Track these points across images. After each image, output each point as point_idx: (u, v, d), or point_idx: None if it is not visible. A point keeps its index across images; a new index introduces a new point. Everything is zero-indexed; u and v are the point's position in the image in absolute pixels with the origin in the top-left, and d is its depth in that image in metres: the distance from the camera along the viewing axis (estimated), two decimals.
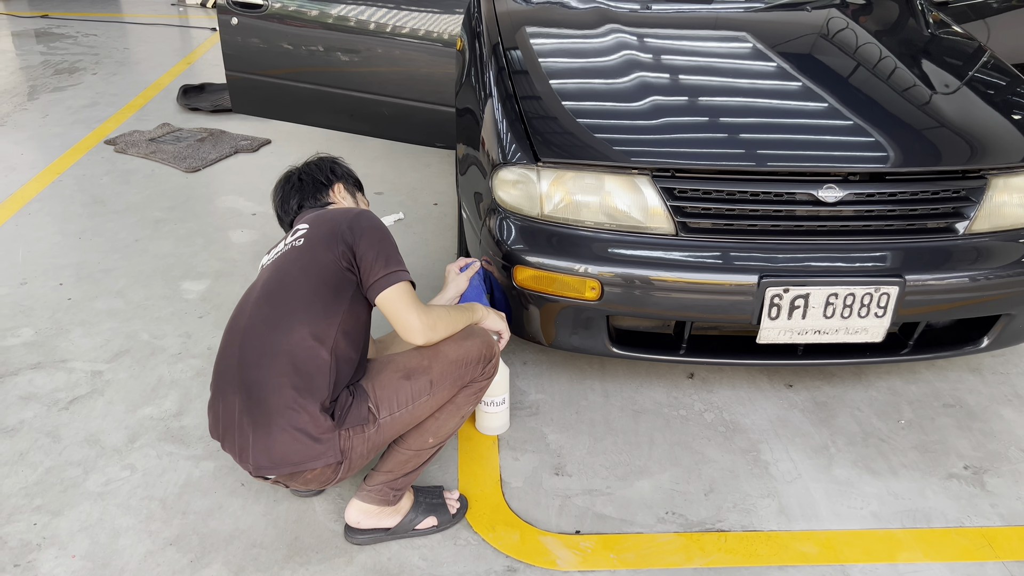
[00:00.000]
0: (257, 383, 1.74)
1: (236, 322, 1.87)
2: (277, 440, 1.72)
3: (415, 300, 1.85)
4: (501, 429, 2.32)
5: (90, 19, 7.35)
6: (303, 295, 1.81)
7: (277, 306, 1.81)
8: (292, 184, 2.17)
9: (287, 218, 2.15)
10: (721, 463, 2.24)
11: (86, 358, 2.59)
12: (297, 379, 1.72)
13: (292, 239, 1.94)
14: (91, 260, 3.17)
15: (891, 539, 2.01)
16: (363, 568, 1.88)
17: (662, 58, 2.54)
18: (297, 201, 2.13)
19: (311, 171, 2.19)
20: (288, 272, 1.85)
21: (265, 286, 1.86)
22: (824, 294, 2.08)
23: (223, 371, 1.83)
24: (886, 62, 2.57)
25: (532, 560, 1.92)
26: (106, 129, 4.58)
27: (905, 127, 2.24)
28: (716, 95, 2.37)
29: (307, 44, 3.57)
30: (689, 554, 1.95)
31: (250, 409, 1.75)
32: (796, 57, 2.59)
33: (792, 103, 2.35)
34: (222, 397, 1.81)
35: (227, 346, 1.85)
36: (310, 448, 1.72)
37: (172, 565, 1.87)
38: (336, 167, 2.24)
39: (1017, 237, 2.19)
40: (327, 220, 1.91)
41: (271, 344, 1.76)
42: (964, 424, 2.41)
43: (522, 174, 2.18)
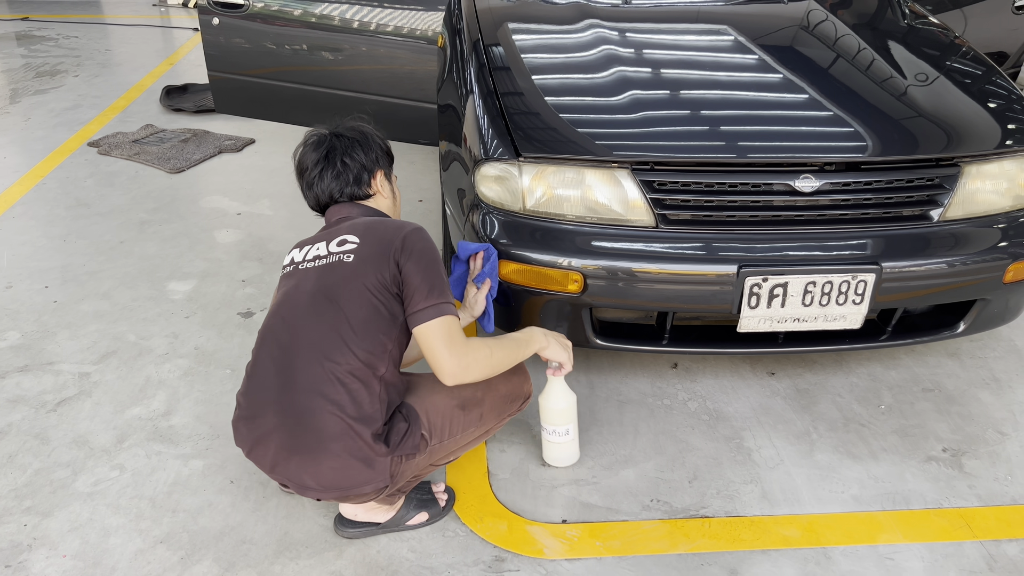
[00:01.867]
0: (309, 411, 1.73)
1: (277, 337, 1.81)
2: (328, 466, 1.75)
3: (454, 337, 1.78)
4: (568, 460, 2.17)
5: (71, 21, 7.32)
6: (357, 321, 1.77)
7: (329, 331, 1.76)
8: (332, 166, 1.98)
9: (318, 200, 2.02)
10: (705, 451, 2.27)
11: (73, 360, 2.59)
12: (352, 408, 1.74)
13: (339, 250, 1.85)
14: (76, 263, 3.17)
15: (871, 521, 2.05)
16: (353, 561, 1.91)
17: (641, 52, 2.56)
18: (337, 187, 1.99)
19: (354, 154, 1.99)
20: (339, 293, 1.79)
21: (313, 305, 1.79)
22: (802, 282, 2.12)
23: (261, 391, 1.79)
24: (862, 53, 2.60)
25: (519, 550, 1.95)
26: (89, 131, 4.57)
27: (880, 117, 2.27)
28: (694, 88, 2.40)
29: (290, 43, 3.58)
30: (674, 540, 1.98)
31: (297, 434, 1.74)
32: (773, 49, 2.62)
33: (769, 95, 2.38)
34: (256, 418, 1.79)
35: (267, 364, 1.80)
36: (362, 473, 1.76)
37: (163, 563, 1.89)
38: (378, 146, 2.05)
39: (990, 223, 2.23)
40: (378, 236, 1.84)
41: (324, 372, 1.74)
42: (943, 408, 2.45)
43: (504, 169, 2.21)
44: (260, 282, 3.05)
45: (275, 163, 4.16)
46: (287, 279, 1.92)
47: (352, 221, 1.94)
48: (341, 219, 1.98)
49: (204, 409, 2.38)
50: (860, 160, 2.16)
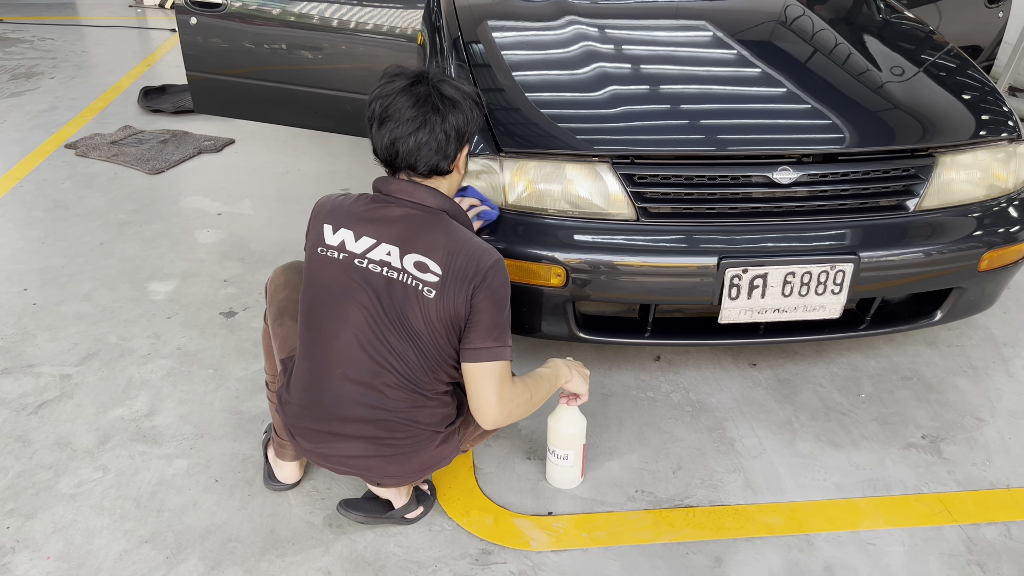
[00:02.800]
0: (401, 431, 1.77)
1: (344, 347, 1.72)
2: (417, 460, 1.83)
3: (504, 383, 1.74)
4: (566, 484, 2.11)
5: (46, 23, 7.24)
6: (436, 357, 1.74)
7: (412, 363, 1.72)
8: (432, 130, 1.68)
9: (392, 159, 1.74)
10: (688, 441, 2.29)
11: (54, 362, 2.58)
12: (440, 417, 1.82)
13: (418, 276, 1.68)
14: (55, 265, 3.14)
15: (853, 508, 2.07)
16: (340, 557, 1.91)
17: (621, 48, 2.58)
18: (424, 159, 1.70)
19: (454, 121, 1.70)
20: (420, 330, 1.71)
21: (390, 329, 1.70)
22: (782, 273, 2.14)
23: (335, 402, 1.76)
24: (839, 47, 2.63)
25: (506, 542, 1.95)
26: (66, 133, 4.53)
27: (856, 109, 2.30)
28: (673, 83, 2.42)
29: (268, 42, 3.57)
30: (659, 530, 2.00)
31: (389, 446, 1.78)
32: (751, 43, 2.64)
33: (747, 88, 2.41)
34: (331, 424, 1.78)
35: (333, 383, 1.75)
36: (443, 450, 1.86)
37: (148, 562, 1.88)
38: (469, 110, 1.73)
39: (965, 212, 2.27)
40: (462, 269, 1.68)
41: (410, 398, 1.75)
42: (922, 396, 2.48)
43: (486, 165, 2.21)
44: (242, 282, 3.04)
45: (255, 163, 4.15)
46: (336, 270, 1.73)
47: (428, 230, 1.71)
48: (406, 204, 1.73)
49: (187, 409, 2.37)
50: (837, 151, 2.19)
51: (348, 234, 1.74)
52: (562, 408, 2.04)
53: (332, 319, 1.73)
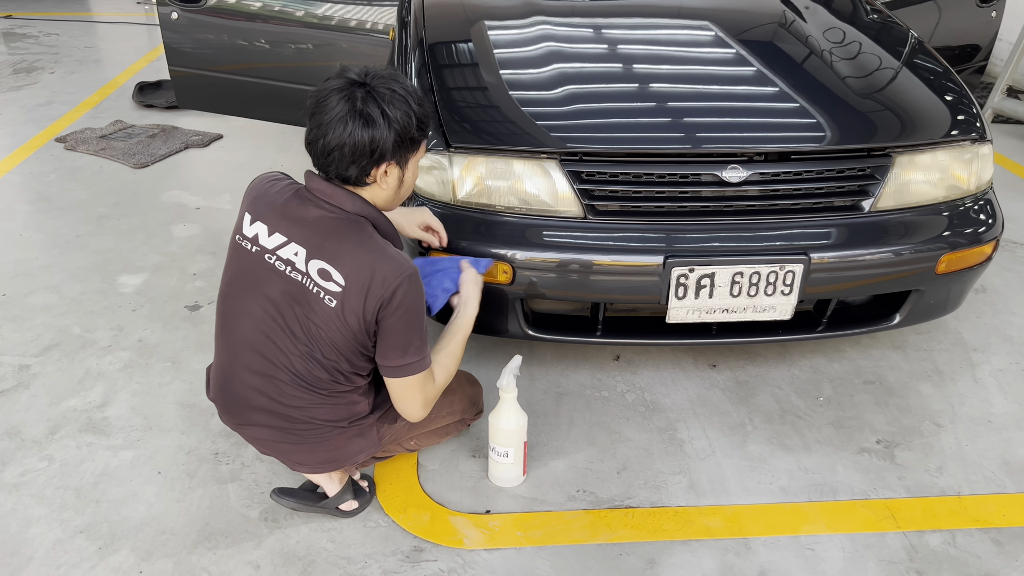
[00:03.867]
0: (301, 420, 1.80)
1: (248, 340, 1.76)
2: (324, 448, 1.85)
3: (427, 390, 1.80)
4: (506, 482, 2.10)
5: (55, 19, 7.32)
6: (341, 362, 1.75)
7: (315, 368, 1.74)
8: (348, 136, 1.63)
9: (313, 159, 1.72)
10: (637, 442, 2.26)
11: (15, 352, 2.60)
12: (343, 412, 1.83)
13: (321, 283, 1.68)
14: (30, 256, 3.17)
15: (796, 512, 2.04)
16: (271, 551, 1.90)
17: (579, 47, 2.55)
18: (332, 165, 1.68)
19: (373, 137, 1.64)
20: (317, 335, 1.71)
21: (288, 328, 1.72)
22: (729, 273, 2.11)
23: (242, 389, 1.80)
24: (799, 45, 2.59)
25: (439, 540, 1.94)
26: (58, 127, 4.57)
27: (810, 107, 2.27)
28: (626, 81, 2.40)
29: (250, 38, 3.57)
30: (595, 530, 1.98)
31: (293, 434, 1.82)
32: (706, 42, 2.62)
33: (699, 87, 2.38)
34: (241, 412, 1.83)
35: (238, 372, 1.79)
36: (356, 443, 1.89)
37: (80, 552, 1.89)
38: (401, 128, 1.67)
39: (923, 214, 2.23)
40: (367, 284, 1.66)
41: (309, 395, 1.78)
42: (882, 400, 2.44)
43: (436, 160, 2.20)
44: (211, 276, 3.05)
45: (240, 158, 4.16)
46: (247, 262, 1.76)
47: (338, 238, 1.69)
48: (325, 206, 1.71)
49: (140, 401, 2.38)
50: (789, 150, 2.15)
51: (263, 228, 1.75)
52: (503, 405, 2.02)
53: (237, 310, 1.78)
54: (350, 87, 1.65)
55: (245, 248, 1.76)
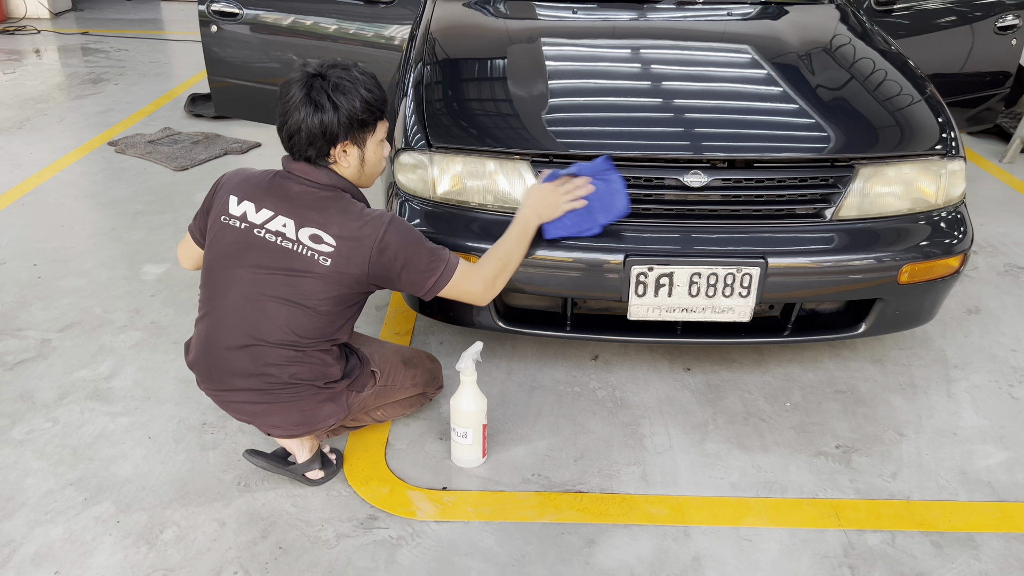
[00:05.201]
0: (278, 378, 1.94)
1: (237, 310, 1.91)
2: (298, 409, 1.99)
3: (471, 278, 2.01)
4: (466, 463, 2.21)
5: (126, 36, 7.80)
6: (326, 319, 1.92)
7: (301, 323, 1.90)
8: (303, 121, 1.86)
9: (284, 143, 1.95)
10: (599, 434, 2.35)
11: (40, 328, 2.83)
12: (318, 372, 1.97)
13: (312, 247, 1.87)
14: (67, 245, 3.43)
15: (741, 506, 2.10)
16: (238, 511, 2.05)
17: (561, 61, 2.65)
18: (295, 147, 1.92)
19: (323, 121, 1.86)
20: (311, 294, 1.89)
21: (281, 294, 1.88)
22: (687, 273, 2.20)
23: (224, 354, 1.94)
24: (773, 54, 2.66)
25: (394, 510, 2.07)
26: (113, 132, 4.90)
27: (775, 116, 2.35)
28: (595, 88, 2.50)
29: (280, 51, 3.81)
30: (543, 510, 2.07)
31: (268, 394, 1.96)
32: (676, 51, 2.71)
33: (667, 97, 2.47)
34: (222, 377, 1.97)
35: (223, 336, 1.93)
36: (326, 408, 2.03)
37: (68, 501, 2.07)
38: (352, 111, 1.87)
39: (885, 225, 2.28)
40: (355, 244, 1.88)
41: (290, 353, 1.92)
42: (850, 409, 2.48)
43: (418, 159, 2.35)
44: None
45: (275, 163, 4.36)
46: (236, 237, 1.92)
47: (322, 206, 1.90)
48: (305, 182, 1.93)
49: (144, 375, 2.58)
50: (751, 158, 2.23)
51: (250, 206, 1.94)
52: (463, 388, 2.14)
53: (225, 279, 1.94)
54: (308, 78, 1.87)
55: (233, 226, 1.95)
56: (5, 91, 5.78)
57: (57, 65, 6.62)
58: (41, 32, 7.92)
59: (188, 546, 1.95)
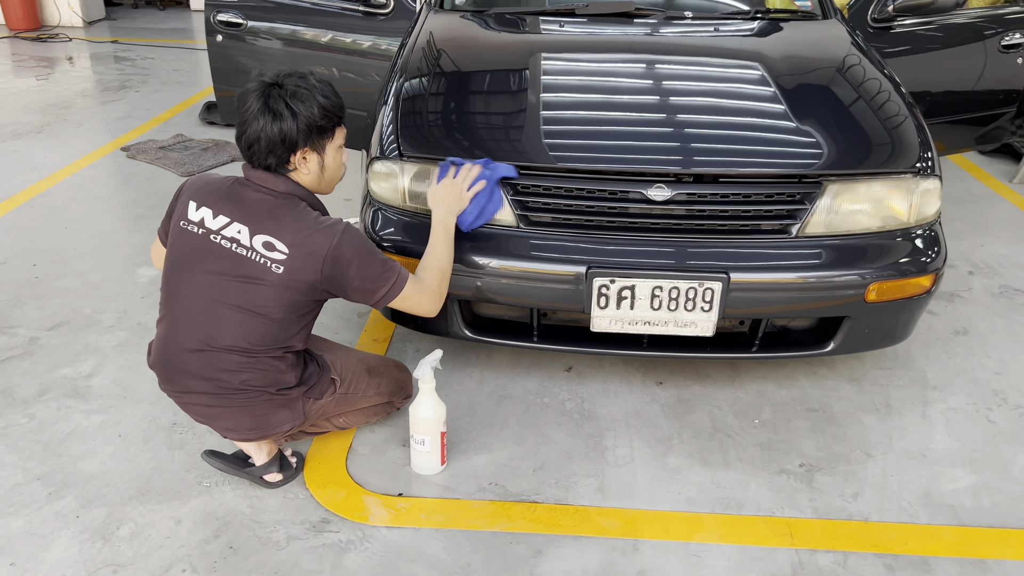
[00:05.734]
0: (231, 385, 1.97)
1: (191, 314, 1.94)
2: (250, 414, 2.02)
3: (420, 291, 2.06)
4: (425, 470, 2.23)
5: (154, 44, 7.99)
6: (279, 326, 1.95)
7: (253, 329, 1.92)
8: (262, 130, 1.89)
9: (244, 153, 1.98)
10: (561, 445, 2.35)
11: (31, 326, 2.91)
12: (271, 378, 1.99)
13: (265, 254, 1.90)
14: (68, 246, 3.52)
15: (694, 521, 2.09)
16: (194, 511, 2.09)
17: (537, 74, 2.62)
18: (255, 156, 1.94)
19: (282, 129, 1.89)
20: (265, 301, 1.92)
21: (235, 301, 1.91)
22: (649, 286, 2.20)
23: (181, 355, 1.97)
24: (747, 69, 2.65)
25: (347, 515, 2.09)
26: (128, 138, 5.02)
27: (741, 131, 2.34)
28: (563, 101, 2.50)
29: (281, 61, 3.88)
30: (495, 519, 2.08)
31: (223, 398, 1.99)
32: (649, 66, 2.70)
33: (633, 110, 2.47)
34: (180, 380, 2.00)
35: (184, 331, 1.96)
36: (281, 414, 2.05)
37: (33, 495, 2.13)
38: (309, 118, 1.91)
39: (853, 242, 2.26)
40: (308, 252, 1.90)
41: (243, 359, 1.95)
42: (819, 427, 2.45)
43: (390, 168, 2.39)
44: None
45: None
46: (193, 242, 1.95)
47: (276, 214, 1.93)
48: (262, 190, 1.95)
49: (124, 375, 2.63)
50: (715, 173, 2.23)
51: (208, 212, 1.98)
52: (421, 395, 2.16)
53: (182, 283, 1.97)
54: (265, 87, 1.91)
55: (191, 231, 1.98)
56: (31, 97, 5.95)
57: (83, 72, 6.80)
58: (73, 40, 8.15)
59: (142, 543, 1.99)
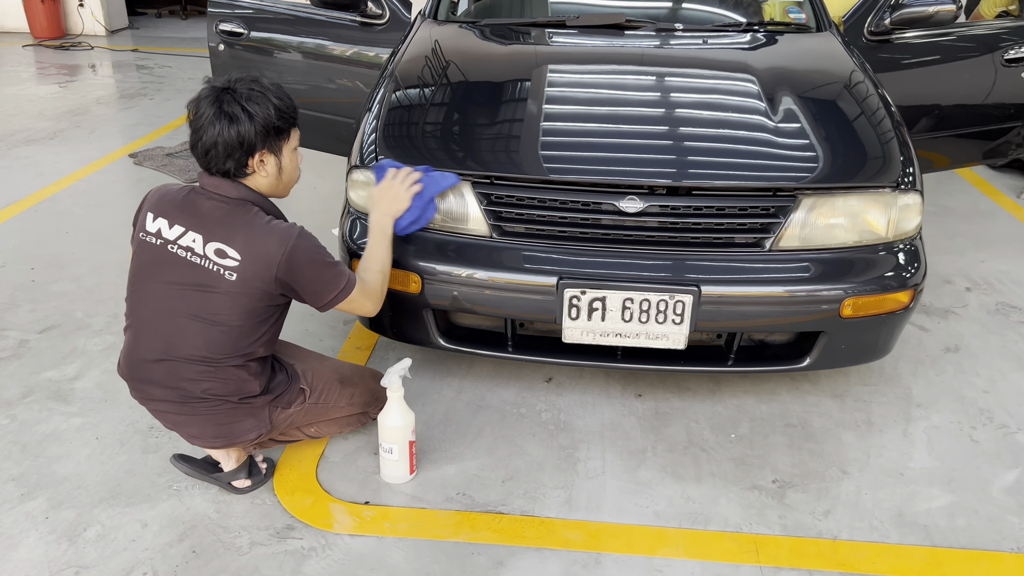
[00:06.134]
0: (194, 394, 1.99)
1: (152, 324, 1.97)
2: (215, 422, 2.04)
3: (366, 294, 2.09)
4: (393, 478, 2.23)
5: (172, 53, 8.11)
6: (237, 333, 1.95)
7: (211, 338, 1.93)
8: (219, 135, 1.88)
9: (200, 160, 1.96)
10: (533, 456, 2.35)
11: (22, 328, 2.95)
12: (233, 387, 2.01)
13: (218, 261, 1.91)
14: (67, 251, 3.58)
15: (659, 536, 2.07)
16: (162, 514, 2.11)
17: (520, 85, 2.63)
18: (212, 162, 1.93)
19: (240, 132, 1.89)
20: (220, 308, 1.92)
21: (192, 309, 1.93)
22: (620, 298, 2.19)
23: (142, 365, 2.00)
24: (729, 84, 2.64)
25: (312, 522, 2.09)
26: (136, 145, 5.09)
27: (715, 143, 2.32)
28: (546, 116, 2.45)
29: (281, 70, 3.92)
30: (458, 530, 2.08)
31: (185, 405, 2.01)
32: (634, 79, 2.69)
33: (612, 123, 2.45)
34: (144, 386, 2.03)
35: (146, 340, 1.98)
36: (246, 422, 2.07)
37: (6, 495, 2.16)
38: (264, 120, 1.91)
39: (828, 257, 2.23)
40: (260, 256, 1.91)
41: (203, 368, 1.96)
42: (796, 443, 2.42)
43: (368, 177, 2.40)
44: None
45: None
46: (152, 254, 1.97)
47: (228, 221, 1.93)
48: (215, 197, 1.95)
49: (107, 378, 2.67)
50: (688, 185, 2.22)
51: (164, 223, 1.99)
52: (389, 403, 2.16)
53: (143, 295, 1.99)
54: (217, 93, 1.91)
55: (149, 242, 2.00)
56: (49, 104, 6.07)
57: (101, 80, 6.92)
58: (95, 48, 8.30)
59: (107, 545, 2.01)
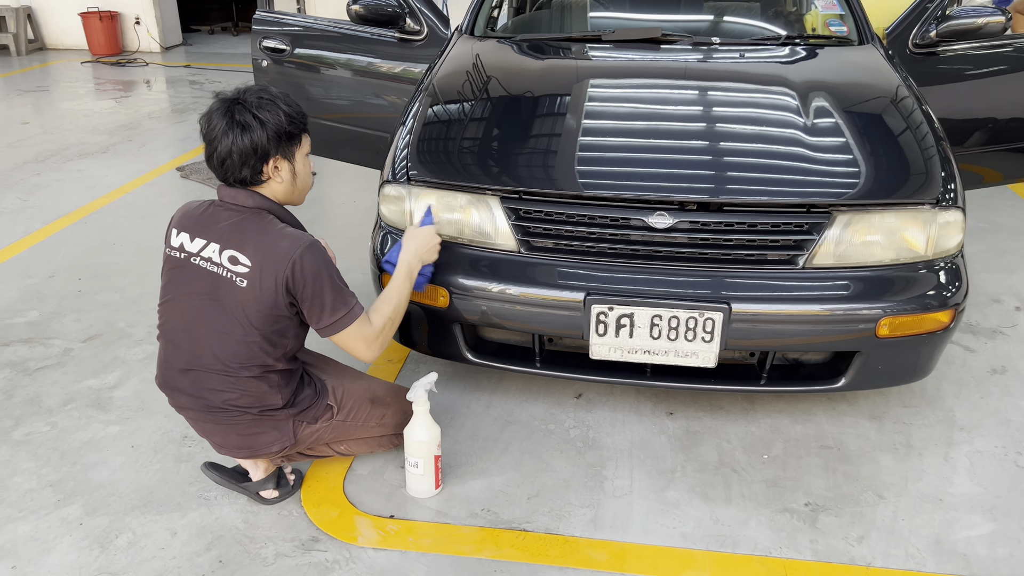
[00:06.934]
0: (218, 405, 2.03)
1: (176, 337, 2.02)
2: (237, 433, 2.07)
3: (366, 334, 2.05)
4: (418, 492, 2.23)
5: (223, 69, 8.30)
6: (253, 340, 1.97)
7: (226, 348, 1.96)
8: (232, 145, 1.94)
9: (214, 171, 2.04)
10: (560, 473, 2.33)
11: (67, 338, 3.03)
12: (254, 398, 2.03)
13: (231, 268, 1.95)
14: (113, 262, 3.67)
15: (686, 558, 2.03)
16: (191, 523, 2.14)
17: (556, 101, 2.64)
18: (228, 175, 2.00)
19: (253, 140, 1.94)
20: (236, 314, 1.95)
21: (211, 317, 1.97)
22: (648, 315, 2.16)
23: (173, 374, 2.05)
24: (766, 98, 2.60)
25: (337, 534, 2.10)
26: (185, 159, 5.22)
27: (748, 159, 2.28)
28: (568, 127, 2.46)
29: (322, 86, 3.98)
30: (482, 546, 2.07)
31: (210, 415, 2.05)
32: (667, 93, 2.67)
33: (644, 138, 2.45)
34: (175, 393, 2.08)
35: (177, 350, 2.02)
36: (269, 435, 2.08)
37: (43, 501, 2.21)
38: (276, 126, 1.96)
39: (864, 275, 2.18)
40: (270, 263, 1.93)
41: (226, 379, 1.99)
42: (832, 466, 2.36)
43: (399, 191, 2.42)
44: None
45: (321, 192, 4.59)
46: (177, 267, 2.03)
47: (242, 228, 1.98)
48: (232, 207, 2.01)
49: (145, 387, 2.72)
50: (719, 201, 2.19)
51: (186, 236, 2.04)
52: (415, 417, 2.17)
53: (172, 307, 2.05)
54: (228, 105, 1.97)
55: (176, 257, 2.05)
56: (103, 118, 6.26)
57: (154, 95, 7.12)
58: (149, 64, 8.54)
59: (136, 552, 2.04)
